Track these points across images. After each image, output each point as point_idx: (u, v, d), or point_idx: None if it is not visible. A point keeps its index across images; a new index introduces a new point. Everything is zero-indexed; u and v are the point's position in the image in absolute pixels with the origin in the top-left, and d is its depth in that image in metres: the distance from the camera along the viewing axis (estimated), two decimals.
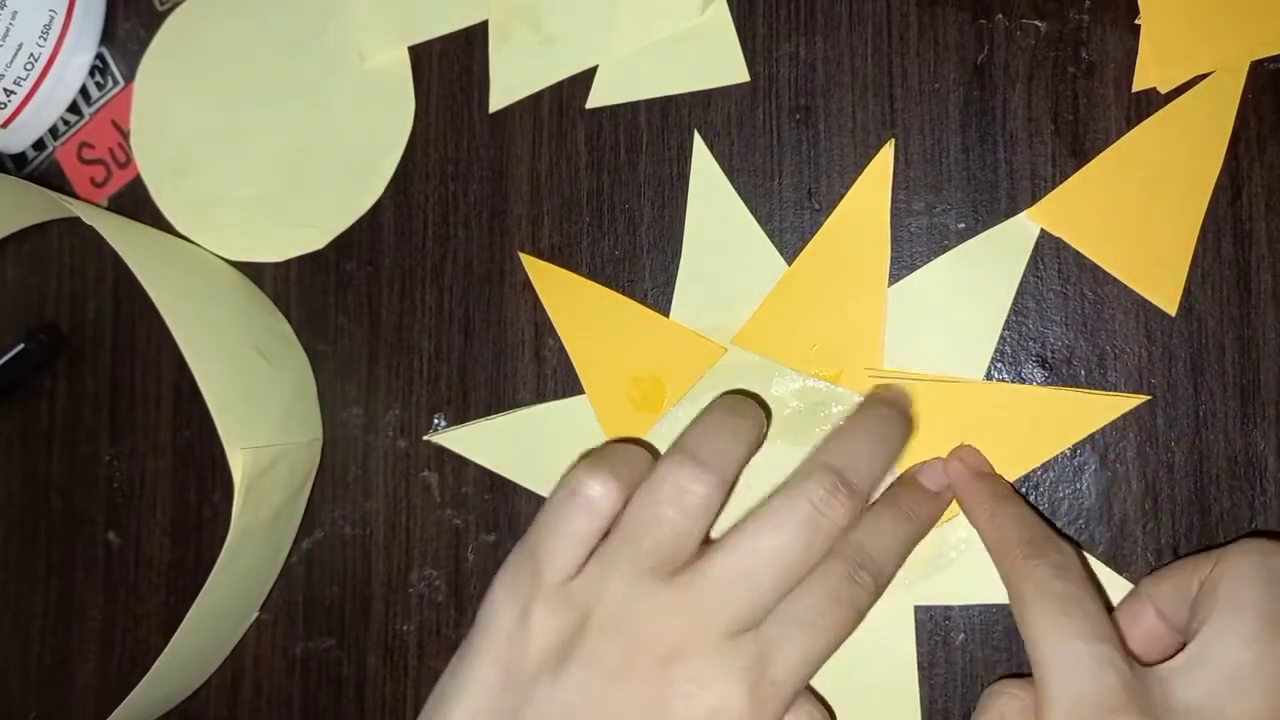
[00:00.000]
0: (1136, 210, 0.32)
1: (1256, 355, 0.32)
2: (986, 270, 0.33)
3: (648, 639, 0.27)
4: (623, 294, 0.35)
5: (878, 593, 0.29)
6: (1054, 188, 0.33)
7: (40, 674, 0.40)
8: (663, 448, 0.34)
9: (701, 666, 0.27)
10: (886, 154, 0.33)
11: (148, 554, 0.39)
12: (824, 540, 0.28)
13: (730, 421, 0.31)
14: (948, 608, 0.33)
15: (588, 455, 0.31)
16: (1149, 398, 0.32)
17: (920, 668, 0.33)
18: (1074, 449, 0.32)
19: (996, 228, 0.33)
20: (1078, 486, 0.32)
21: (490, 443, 0.36)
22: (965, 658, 0.33)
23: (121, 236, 0.34)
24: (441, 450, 0.37)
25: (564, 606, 0.28)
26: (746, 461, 0.30)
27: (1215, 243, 0.32)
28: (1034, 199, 0.33)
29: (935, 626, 0.33)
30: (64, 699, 0.40)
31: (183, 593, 0.39)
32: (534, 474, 0.36)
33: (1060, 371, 0.32)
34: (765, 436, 0.32)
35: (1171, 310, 0.32)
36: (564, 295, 0.36)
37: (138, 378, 0.40)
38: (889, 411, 0.31)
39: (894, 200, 0.34)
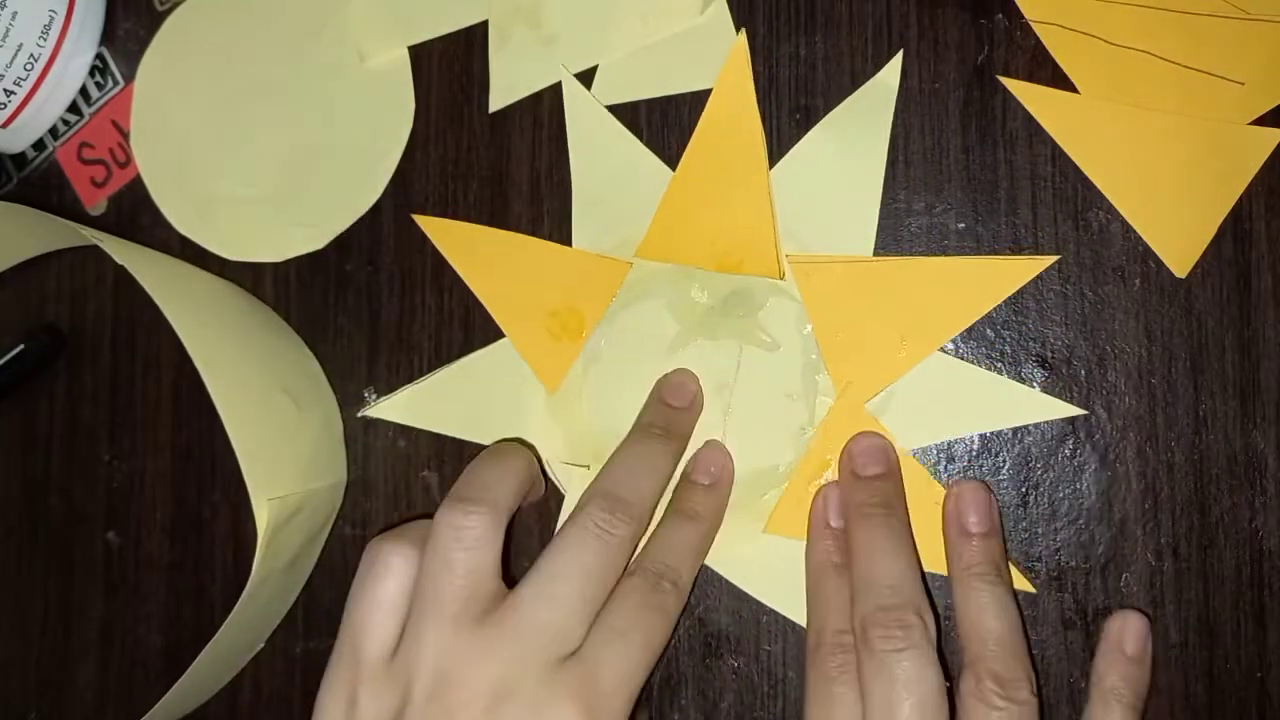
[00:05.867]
0: (1172, 162, 0.32)
1: (1256, 355, 0.32)
2: (857, 132, 0.33)
3: (471, 688, 0.27)
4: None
5: (681, 595, 0.30)
6: (1053, 187, 0.33)
7: (40, 674, 0.40)
8: (590, 370, 0.35)
9: (531, 699, 0.27)
10: (741, 43, 0.34)
11: (148, 554, 0.39)
12: (616, 556, 0.30)
13: (491, 462, 0.32)
14: (947, 608, 0.33)
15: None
16: (1058, 257, 0.32)
17: None
18: (1074, 449, 0.32)
19: (858, 91, 0.33)
20: (1078, 486, 0.32)
21: (425, 406, 0.35)
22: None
23: (152, 273, 0.33)
24: (441, 450, 0.37)
25: (386, 685, 0.28)
26: (520, 492, 0.31)
27: (1215, 243, 0.32)
28: (1034, 199, 0.33)
29: None
30: (64, 699, 0.40)
31: (183, 593, 0.39)
32: (477, 428, 0.36)
33: (1060, 371, 0.32)
34: (537, 470, 0.33)
35: (1181, 273, 0.32)
36: (465, 246, 0.36)
37: (138, 378, 0.40)
38: (653, 439, 0.33)
39: (894, 200, 0.34)
